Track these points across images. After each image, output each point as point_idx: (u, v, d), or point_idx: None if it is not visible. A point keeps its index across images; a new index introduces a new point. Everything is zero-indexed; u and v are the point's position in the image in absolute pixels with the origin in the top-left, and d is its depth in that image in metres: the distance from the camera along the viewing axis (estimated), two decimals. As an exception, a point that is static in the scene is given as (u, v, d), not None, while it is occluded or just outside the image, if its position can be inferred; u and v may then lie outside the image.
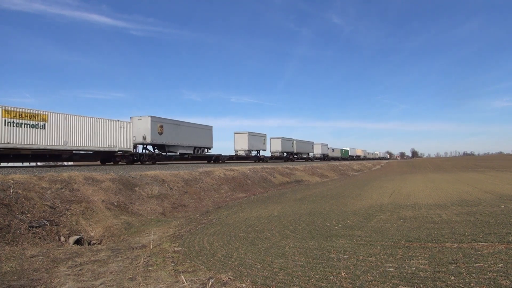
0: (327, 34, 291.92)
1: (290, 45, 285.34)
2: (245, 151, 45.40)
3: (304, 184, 29.65)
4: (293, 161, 57.15)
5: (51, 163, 23.55)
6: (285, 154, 56.80)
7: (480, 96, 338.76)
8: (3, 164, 19.30)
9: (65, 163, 25.44)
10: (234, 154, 45.05)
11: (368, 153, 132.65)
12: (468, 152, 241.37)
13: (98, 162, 26.40)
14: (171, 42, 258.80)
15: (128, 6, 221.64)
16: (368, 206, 13.14)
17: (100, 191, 13.60)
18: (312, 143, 69.88)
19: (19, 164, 21.31)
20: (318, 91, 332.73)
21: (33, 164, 22.49)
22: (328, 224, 9.76)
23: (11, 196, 10.30)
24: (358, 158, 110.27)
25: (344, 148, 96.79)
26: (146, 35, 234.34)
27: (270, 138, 54.11)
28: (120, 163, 26.75)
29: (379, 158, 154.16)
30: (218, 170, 24.34)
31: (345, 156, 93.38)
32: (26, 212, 9.93)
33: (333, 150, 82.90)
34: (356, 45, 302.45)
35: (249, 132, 45.70)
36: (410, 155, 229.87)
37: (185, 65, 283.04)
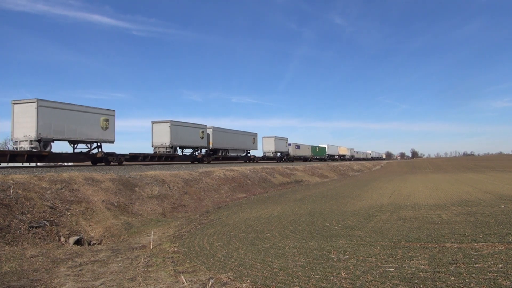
0: (329, 34, 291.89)
1: (291, 46, 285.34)
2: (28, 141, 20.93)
3: (304, 185, 29.65)
4: (207, 162, 34.96)
5: (51, 163, 23.49)
6: (181, 150, 33.76)
7: (481, 96, 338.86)
8: (3, 165, 19.30)
9: (65, 163, 25.39)
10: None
11: (356, 152, 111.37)
12: (468, 152, 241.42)
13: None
14: (172, 42, 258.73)
15: (131, 7, 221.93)
16: (368, 207, 13.14)
17: (100, 191, 13.59)
18: (254, 135, 46.18)
19: (19, 164, 21.27)
20: (319, 91, 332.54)
21: (33, 164, 22.46)
22: (328, 225, 9.76)
23: (11, 197, 10.29)
24: (342, 158, 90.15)
25: (318, 146, 75.10)
26: (148, 36, 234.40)
27: (152, 123, 31.80)
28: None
29: (372, 159, 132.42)
30: (218, 170, 24.35)
31: (320, 156, 73.71)
32: (26, 212, 9.93)
33: (297, 147, 61.63)
34: (358, 45, 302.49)
35: (39, 102, 21.00)
36: (410, 156, 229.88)
37: (186, 65, 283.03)
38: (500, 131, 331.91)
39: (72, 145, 24.38)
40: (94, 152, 25.32)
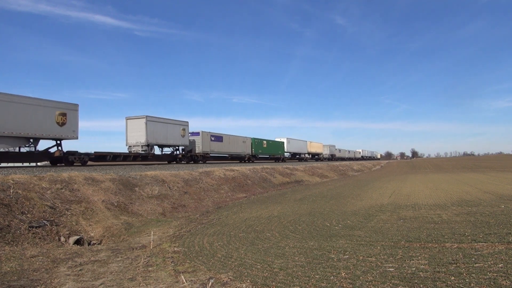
0: (331, 34, 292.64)
1: (293, 46, 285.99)
2: None
3: (304, 184, 29.64)
4: None
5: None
6: None
7: (481, 96, 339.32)
8: (3, 164, 19.30)
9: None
10: None
11: (339, 150, 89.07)
12: (468, 152, 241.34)
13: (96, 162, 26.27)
14: (174, 42, 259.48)
15: (133, 7, 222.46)
16: (368, 206, 13.14)
17: (100, 191, 13.59)
18: (66, 108, 22.62)
19: (19, 164, 21.30)
20: (320, 91, 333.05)
21: (33, 164, 22.49)
22: (328, 224, 9.76)
23: (11, 196, 10.29)
24: (316, 158, 70.71)
25: (269, 139, 52.08)
26: (149, 36, 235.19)
27: None
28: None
29: (363, 158, 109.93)
30: (218, 170, 24.34)
31: (273, 154, 52.65)
32: (26, 212, 9.93)
33: (216, 138, 37.94)
34: (359, 45, 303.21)
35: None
36: (410, 155, 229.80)
37: (188, 65, 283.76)
38: (500, 131, 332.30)
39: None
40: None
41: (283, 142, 56.95)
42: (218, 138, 38.84)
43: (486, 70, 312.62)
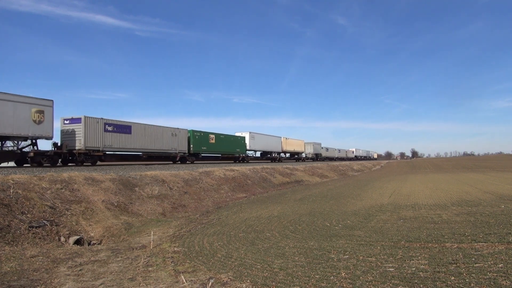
0: (331, 34, 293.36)
1: (293, 46, 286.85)
2: None
3: (304, 184, 29.64)
4: None
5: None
6: None
7: (481, 96, 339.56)
8: (3, 165, 19.29)
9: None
10: None
11: (327, 149, 77.80)
12: (468, 152, 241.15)
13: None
14: (175, 42, 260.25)
15: (134, 7, 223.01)
16: (368, 206, 13.14)
17: (100, 191, 13.59)
18: None
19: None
20: (321, 91, 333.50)
21: (33, 164, 22.46)
22: (328, 224, 9.76)
23: (11, 196, 10.29)
24: (297, 157, 61.34)
25: (220, 133, 38.90)
26: (150, 36, 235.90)
27: None
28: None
29: (357, 158, 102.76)
30: (218, 170, 24.34)
31: (228, 152, 40.66)
32: (26, 212, 9.93)
33: (113, 128, 25.10)
34: (360, 45, 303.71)
35: None
36: (410, 155, 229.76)
37: (189, 65, 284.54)
38: (500, 131, 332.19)
39: None
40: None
41: (243, 138, 44.34)
42: (121, 128, 26.13)
43: (486, 70, 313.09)
